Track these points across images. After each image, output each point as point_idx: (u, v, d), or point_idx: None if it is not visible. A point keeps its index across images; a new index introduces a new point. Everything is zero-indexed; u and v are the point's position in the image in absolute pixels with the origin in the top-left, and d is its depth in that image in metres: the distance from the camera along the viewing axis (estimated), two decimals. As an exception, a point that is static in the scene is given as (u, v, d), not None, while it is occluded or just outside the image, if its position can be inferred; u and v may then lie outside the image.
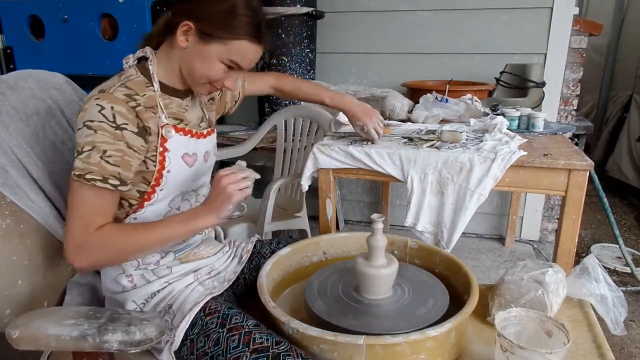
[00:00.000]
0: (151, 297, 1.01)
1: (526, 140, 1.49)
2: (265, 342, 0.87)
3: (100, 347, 0.75)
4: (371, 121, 1.40)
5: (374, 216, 1.04)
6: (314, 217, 1.79)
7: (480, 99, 1.96)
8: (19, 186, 0.97)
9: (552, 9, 2.30)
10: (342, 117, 1.80)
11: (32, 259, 0.96)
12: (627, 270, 2.24)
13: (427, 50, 2.54)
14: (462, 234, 1.36)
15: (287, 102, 2.43)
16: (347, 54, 2.68)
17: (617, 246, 2.17)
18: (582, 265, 1.14)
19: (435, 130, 1.61)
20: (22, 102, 1.04)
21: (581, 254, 2.47)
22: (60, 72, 1.19)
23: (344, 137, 1.57)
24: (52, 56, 2.56)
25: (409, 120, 1.88)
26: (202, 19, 0.92)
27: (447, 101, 1.86)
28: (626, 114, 3.64)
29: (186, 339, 0.93)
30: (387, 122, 1.72)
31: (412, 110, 1.88)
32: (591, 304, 1.13)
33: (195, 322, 0.94)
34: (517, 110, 1.73)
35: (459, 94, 1.97)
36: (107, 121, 0.87)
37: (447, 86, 2.02)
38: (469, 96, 1.91)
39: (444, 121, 1.81)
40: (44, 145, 1.05)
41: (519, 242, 2.64)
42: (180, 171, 0.99)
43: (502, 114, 1.73)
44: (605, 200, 2.07)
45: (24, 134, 1.01)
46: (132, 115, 0.90)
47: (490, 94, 2.16)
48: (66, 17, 2.48)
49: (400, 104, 1.91)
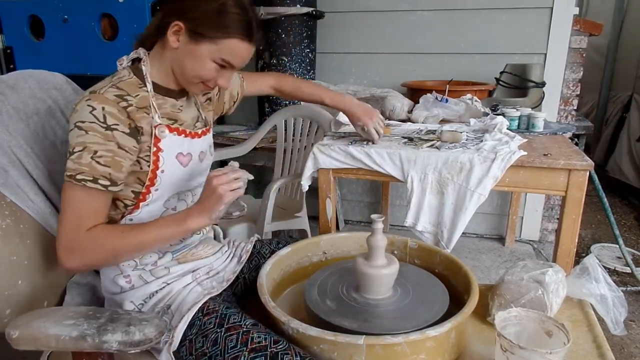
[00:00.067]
0: (149, 297, 1.01)
1: (526, 140, 1.49)
2: (263, 342, 0.87)
3: (99, 347, 0.75)
4: (372, 121, 1.40)
5: (374, 216, 1.04)
6: (314, 217, 1.79)
7: (480, 99, 1.96)
8: (19, 186, 0.97)
9: (552, 9, 2.30)
10: (342, 117, 1.80)
11: (32, 259, 0.96)
12: (627, 270, 2.24)
13: (427, 50, 2.54)
14: (462, 234, 1.36)
15: (287, 102, 2.43)
16: (347, 54, 2.68)
17: (617, 246, 2.17)
18: (582, 265, 1.14)
19: (435, 130, 1.61)
20: (22, 102, 1.04)
21: (581, 254, 2.47)
22: (60, 72, 1.19)
23: (344, 137, 1.57)
24: (52, 56, 2.56)
25: (409, 120, 1.88)
26: (192, 18, 0.92)
27: (447, 101, 1.86)
28: (626, 114, 3.64)
29: (185, 340, 0.93)
30: (387, 122, 1.72)
31: (412, 110, 1.88)
32: (591, 304, 1.13)
33: (193, 323, 0.94)
34: (517, 110, 1.73)
35: (459, 94, 1.97)
36: (98, 122, 0.87)
37: (447, 86, 2.02)
38: (469, 96, 1.91)
39: (444, 121, 1.81)
40: (44, 145, 1.05)
41: (519, 242, 2.64)
42: (174, 171, 0.99)
43: (502, 114, 1.73)
44: (605, 200, 2.07)
45: (24, 134, 1.01)
46: (124, 115, 0.90)
47: (490, 94, 2.16)
48: (66, 17, 2.48)
49: (400, 104, 1.91)
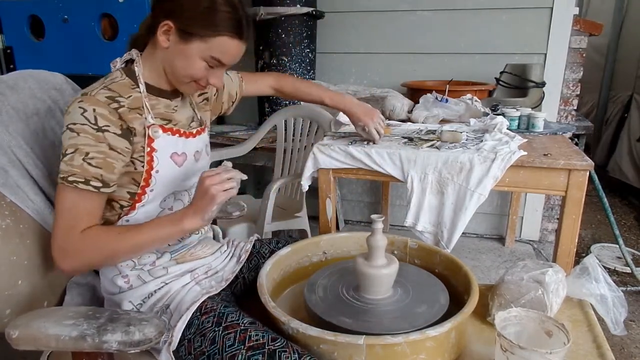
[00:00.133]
0: (148, 297, 1.01)
1: (526, 140, 1.49)
2: (261, 339, 0.87)
3: (99, 347, 0.75)
4: (372, 121, 1.41)
5: (374, 216, 1.04)
6: (314, 217, 1.79)
7: (480, 99, 1.96)
8: (19, 186, 0.97)
9: (552, 9, 2.30)
10: (342, 117, 1.80)
11: (32, 259, 0.96)
12: (627, 270, 2.24)
13: (427, 50, 2.54)
14: (462, 234, 1.36)
15: (287, 102, 2.43)
16: (347, 54, 2.68)
17: (617, 246, 2.17)
18: (582, 265, 1.14)
19: (435, 130, 1.61)
20: (22, 102, 1.04)
21: (581, 254, 2.47)
22: (60, 72, 1.19)
23: (344, 137, 1.57)
24: (52, 56, 2.56)
25: (409, 120, 1.88)
26: (182, 17, 0.92)
27: (447, 101, 1.86)
28: (627, 114, 3.64)
29: (183, 339, 0.93)
30: (387, 122, 1.72)
31: (412, 110, 1.88)
32: (591, 304, 1.13)
33: (191, 322, 0.94)
34: (517, 110, 1.73)
35: (459, 94, 1.97)
36: (89, 123, 0.88)
37: (447, 86, 2.02)
38: (469, 96, 1.91)
39: (444, 121, 1.81)
40: (43, 145, 1.05)
41: (519, 242, 2.64)
42: (169, 171, 0.99)
43: (502, 114, 1.73)
44: (605, 200, 2.07)
45: (24, 134, 1.01)
46: (115, 117, 0.90)
47: (490, 94, 2.16)
48: (66, 17, 2.48)
49: (400, 104, 1.91)
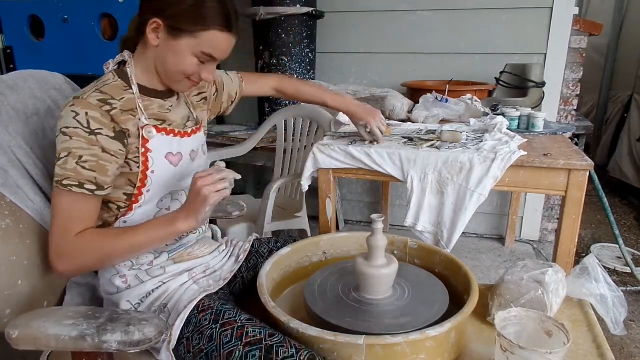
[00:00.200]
0: (146, 296, 1.01)
1: (526, 140, 1.49)
2: (258, 335, 0.87)
3: (99, 347, 0.75)
4: (374, 120, 1.41)
5: (374, 216, 1.04)
6: (314, 217, 1.79)
7: (480, 99, 1.96)
8: (19, 186, 0.97)
9: (552, 9, 2.30)
10: (342, 117, 1.80)
11: (32, 259, 0.95)
12: (627, 270, 2.24)
13: (427, 50, 2.54)
14: (462, 234, 1.36)
15: (287, 102, 2.43)
16: (347, 54, 2.68)
17: (617, 246, 2.17)
18: (582, 265, 1.14)
19: (435, 130, 1.61)
20: (22, 102, 1.04)
21: (581, 254, 2.47)
22: (60, 72, 1.19)
23: (344, 137, 1.57)
24: (52, 56, 2.56)
25: (409, 120, 1.88)
26: (170, 14, 0.92)
27: (447, 101, 1.86)
28: (627, 114, 3.63)
29: (182, 338, 0.94)
30: (387, 122, 1.72)
31: (412, 110, 1.88)
32: (591, 304, 1.13)
33: (189, 320, 0.95)
34: (517, 110, 1.73)
35: (459, 94, 1.97)
36: (82, 127, 0.88)
37: (447, 86, 2.02)
38: (469, 96, 1.91)
39: (444, 121, 1.81)
40: (43, 145, 1.05)
41: (519, 242, 2.64)
42: (164, 171, 1.00)
43: (502, 114, 1.73)
44: (605, 200, 2.07)
45: (23, 134, 1.02)
46: (107, 119, 0.91)
47: (490, 94, 2.16)
48: (66, 17, 2.48)
49: (400, 104, 1.91)
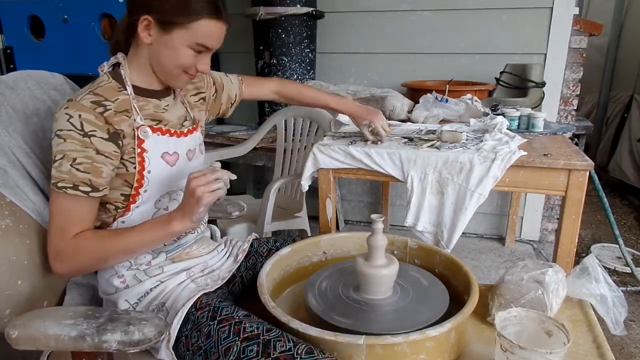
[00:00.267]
0: (144, 296, 1.01)
1: (526, 140, 1.49)
2: (255, 330, 0.88)
3: (99, 347, 0.75)
4: (378, 119, 1.42)
5: (374, 216, 1.04)
6: (314, 217, 1.79)
7: (480, 99, 1.96)
8: (19, 186, 0.97)
9: (552, 9, 2.30)
10: (342, 117, 1.80)
11: (32, 259, 0.96)
12: (627, 270, 2.24)
13: (427, 50, 2.54)
14: (462, 234, 1.36)
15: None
16: (347, 54, 2.68)
17: (617, 246, 2.17)
18: (582, 265, 1.14)
19: (435, 130, 1.61)
20: (22, 102, 1.04)
21: (581, 254, 2.47)
22: (60, 72, 1.19)
23: (344, 137, 1.57)
24: (52, 56, 2.56)
25: (409, 120, 1.88)
26: (159, 9, 0.92)
27: (447, 101, 1.86)
28: (627, 114, 3.63)
29: (181, 336, 0.94)
30: (387, 122, 1.72)
31: (412, 110, 1.88)
32: (591, 304, 1.12)
33: (188, 318, 0.95)
34: (517, 110, 1.73)
35: (459, 94, 1.97)
36: (75, 129, 0.88)
37: (447, 86, 2.02)
38: (469, 96, 1.91)
39: (444, 121, 1.81)
40: (43, 145, 1.05)
41: (519, 242, 2.64)
42: (161, 171, 1.00)
43: (502, 114, 1.73)
44: (605, 200, 2.07)
45: (23, 134, 1.02)
46: (101, 121, 0.91)
47: (490, 94, 2.16)
48: (66, 17, 2.48)
49: (400, 104, 1.91)
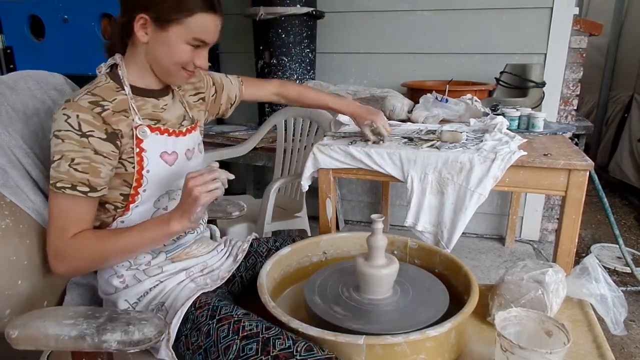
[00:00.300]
0: (143, 295, 1.01)
1: (526, 140, 1.49)
2: (254, 329, 0.88)
3: (99, 347, 0.75)
4: (380, 118, 1.42)
5: (374, 216, 1.04)
6: (314, 217, 1.79)
7: (480, 99, 1.96)
8: (19, 186, 0.97)
9: (552, 9, 2.30)
10: (342, 117, 1.80)
11: (32, 259, 0.96)
12: (627, 270, 2.24)
13: (427, 50, 2.54)
14: (462, 234, 1.36)
15: (287, 102, 2.43)
16: (347, 54, 2.68)
17: (617, 246, 2.17)
18: (582, 265, 1.14)
19: (435, 130, 1.61)
20: (22, 102, 1.04)
21: (581, 254, 2.47)
22: (60, 72, 1.19)
23: (344, 137, 1.57)
24: (52, 56, 2.56)
25: (409, 120, 1.88)
26: (154, 7, 0.92)
27: (447, 101, 1.86)
28: (627, 115, 3.63)
29: (181, 335, 0.94)
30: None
31: (412, 110, 1.88)
32: (591, 304, 1.12)
33: (187, 318, 0.95)
34: (517, 110, 1.73)
35: (459, 94, 1.97)
36: (73, 130, 0.89)
37: (447, 86, 2.02)
38: (469, 96, 1.91)
39: (444, 121, 1.81)
40: (43, 145, 1.05)
41: (519, 242, 2.64)
42: (160, 170, 1.00)
43: (502, 114, 1.73)
44: (605, 200, 2.07)
45: (23, 134, 1.02)
46: (99, 121, 0.91)
47: (490, 94, 2.16)
48: (66, 17, 2.48)
49: (400, 104, 1.91)
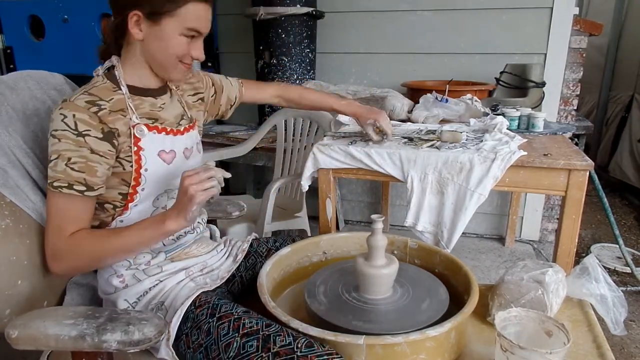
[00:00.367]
0: (143, 295, 1.01)
1: (526, 140, 1.49)
2: (255, 326, 0.88)
3: (99, 347, 0.75)
4: (382, 117, 1.42)
5: (374, 216, 1.04)
6: (314, 217, 1.79)
7: (480, 99, 1.96)
8: (19, 186, 0.97)
9: (552, 9, 2.30)
10: (342, 117, 1.80)
11: (32, 259, 0.95)
12: (627, 270, 2.24)
13: (427, 50, 2.54)
14: (462, 234, 1.36)
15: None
16: (347, 54, 2.68)
17: (617, 246, 2.17)
18: (582, 265, 1.14)
19: (435, 130, 1.61)
20: (22, 102, 1.04)
21: (581, 254, 2.47)
22: (60, 72, 1.19)
23: (344, 137, 1.57)
24: (52, 56, 2.56)
25: (409, 120, 1.88)
26: (146, 1, 0.93)
27: (447, 101, 1.86)
28: (627, 115, 3.63)
29: (181, 334, 0.94)
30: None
31: (412, 110, 1.88)
32: (591, 304, 1.13)
33: (187, 316, 0.95)
34: (517, 110, 1.73)
35: (459, 94, 1.97)
36: (69, 129, 0.89)
37: (447, 86, 2.02)
38: (469, 96, 1.91)
39: (444, 121, 1.81)
40: (43, 145, 1.04)
41: (519, 242, 2.64)
42: (158, 169, 1.00)
43: (502, 114, 1.73)
44: (605, 200, 2.07)
45: (23, 134, 1.02)
46: (95, 121, 0.91)
47: (490, 94, 2.16)
48: (66, 17, 2.48)
49: (400, 104, 1.91)
